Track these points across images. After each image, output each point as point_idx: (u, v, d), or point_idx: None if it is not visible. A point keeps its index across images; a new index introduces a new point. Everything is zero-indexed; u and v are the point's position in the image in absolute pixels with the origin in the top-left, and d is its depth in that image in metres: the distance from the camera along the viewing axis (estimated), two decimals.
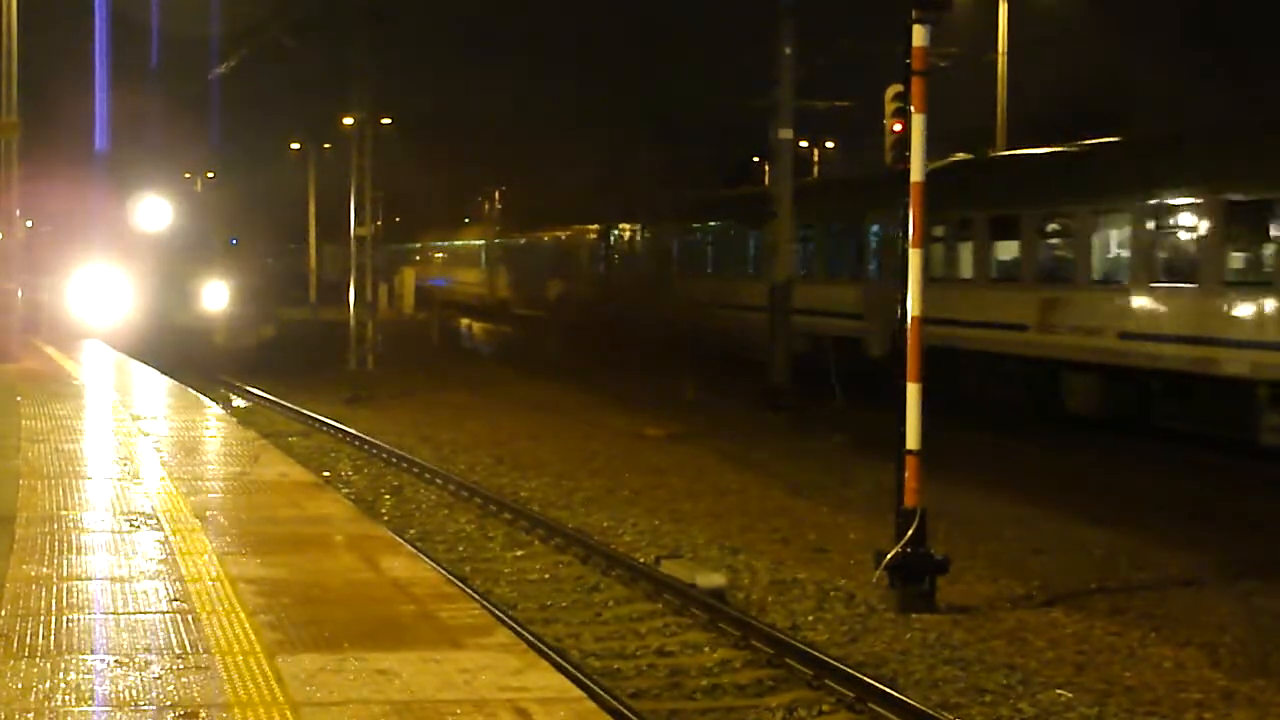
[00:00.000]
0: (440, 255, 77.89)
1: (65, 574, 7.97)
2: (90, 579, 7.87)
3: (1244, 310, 20.08)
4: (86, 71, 39.30)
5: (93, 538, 8.97)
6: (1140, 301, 22.05)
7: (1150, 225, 22.09)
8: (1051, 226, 24.69)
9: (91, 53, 38.61)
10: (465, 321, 60.11)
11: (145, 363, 24.59)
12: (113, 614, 7.11)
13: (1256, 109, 35.29)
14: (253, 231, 44.18)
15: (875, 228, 29.72)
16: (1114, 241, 23.46)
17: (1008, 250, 25.82)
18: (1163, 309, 21.56)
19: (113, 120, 39.33)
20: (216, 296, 36.59)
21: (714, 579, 13.00)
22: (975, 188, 26.44)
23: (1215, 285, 20.62)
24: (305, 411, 26.50)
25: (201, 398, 19.24)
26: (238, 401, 28.54)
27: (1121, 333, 22.30)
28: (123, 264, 35.05)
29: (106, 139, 39.15)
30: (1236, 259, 20.85)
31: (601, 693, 9.54)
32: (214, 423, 16.30)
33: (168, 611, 7.17)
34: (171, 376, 22.21)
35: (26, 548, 8.61)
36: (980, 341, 24.34)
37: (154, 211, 36.88)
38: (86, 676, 6.02)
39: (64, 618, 6.99)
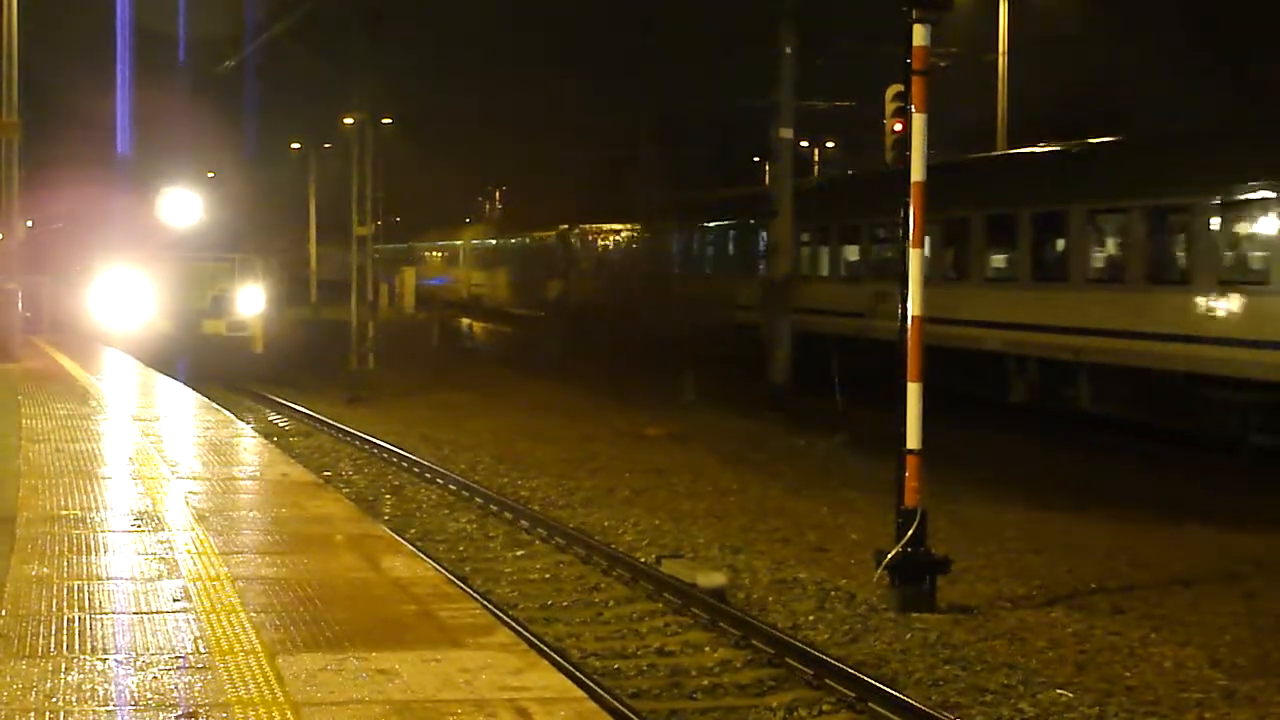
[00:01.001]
0: (427, 256, 79.40)
1: (65, 574, 7.97)
2: (90, 579, 7.87)
3: (998, 301, 26.00)
4: (93, 67, 39.08)
5: (93, 538, 8.97)
6: (934, 294, 26.00)
7: (942, 234, 27.69)
8: (880, 234, 30.71)
9: (95, 50, 38.42)
10: (466, 321, 60.32)
11: (149, 365, 24.44)
12: (113, 614, 7.12)
13: (1257, 108, 35.39)
14: (280, 231, 42.92)
15: (763, 236, 35.54)
16: (864, 248, 30.55)
17: (852, 253, 32.43)
18: (948, 300, 26.40)
19: (132, 118, 37.71)
20: (251, 301, 32.55)
21: (715, 579, 12.99)
22: (832, 202, 33.22)
23: (980, 281, 26.93)
24: (306, 411, 26.51)
25: (202, 398, 19.24)
26: (238, 402, 28.54)
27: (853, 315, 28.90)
28: (144, 265, 31.73)
29: (128, 138, 37.43)
30: (998, 260, 26.92)
31: (602, 693, 9.54)
32: (214, 423, 16.29)
33: (168, 611, 7.17)
34: (173, 378, 22.19)
35: (27, 548, 8.61)
36: (837, 326, 30.60)
37: (181, 206, 33.10)
38: (87, 676, 6.02)
39: (64, 618, 6.99)
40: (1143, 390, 22.41)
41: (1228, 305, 20.45)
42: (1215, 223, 21.03)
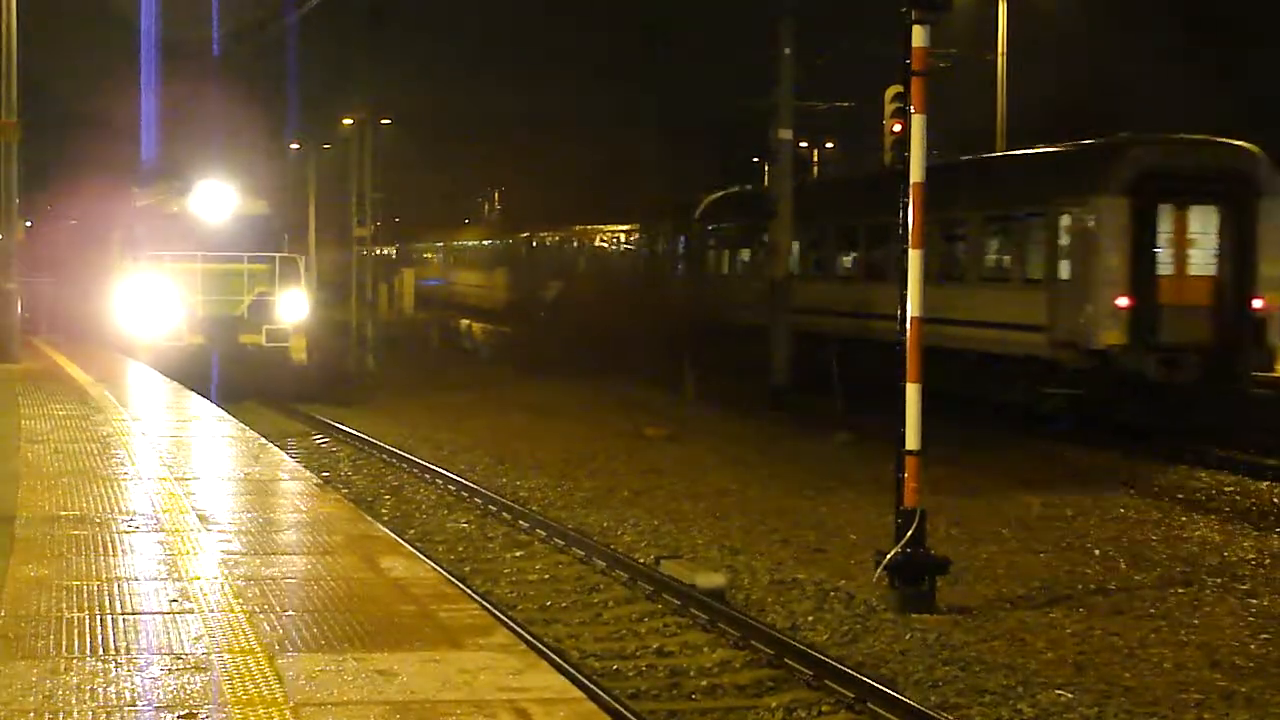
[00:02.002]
0: (426, 258, 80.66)
1: (65, 574, 7.97)
2: (90, 579, 7.87)
3: (842, 294, 31.62)
4: (106, 63, 38.66)
5: (92, 538, 8.97)
6: (807, 288, 33.44)
7: (809, 240, 34.68)
8: (762, 239, 35.72)
9: (102, 46, 38.12)
10: (465, 321, 60.58)
11: (163, 373, 23.21)
12: (113, 614, 7.12)
13: (1258, 108, 35.51)
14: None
15: (683, 239, 42.05)
16: (753, 250, 36.91)
17: (744, 255, 38.97)
18: (811, 292, 32.65)
19: (158, 115, 35.95)
20: (293, 307, 27.89)
21: (714, 579, 12.99)
22: (719, 214, 39.70)
23: (832, 278, 33.12)
24: (305, 411, 26.49)
25: (202, 399, 19.24)
26: (236, 402, 28.50)
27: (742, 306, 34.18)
28: (170, 266, 27.15)
29: (154, 135, 35.38)
30: (845, 261, 32.95)
31: (601, 693, 9.55)
32: (213, 423, 16.30)
33: (167, 611, 7.17)
34: (176, 380, 22.15)
35: (26, 548, 8.61)
36: (731, 316, 35.59)
37: (214, 200, 28.34)
38: (86, 677, 6.02)
39: (64, 618, 6.99)
40: (943, 365, 26.10)
41: (987, 297, 25.67)
42: (979, 233, 27.24)
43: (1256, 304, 23.17)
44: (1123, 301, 22.83)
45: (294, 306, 27.83)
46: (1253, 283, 23.22)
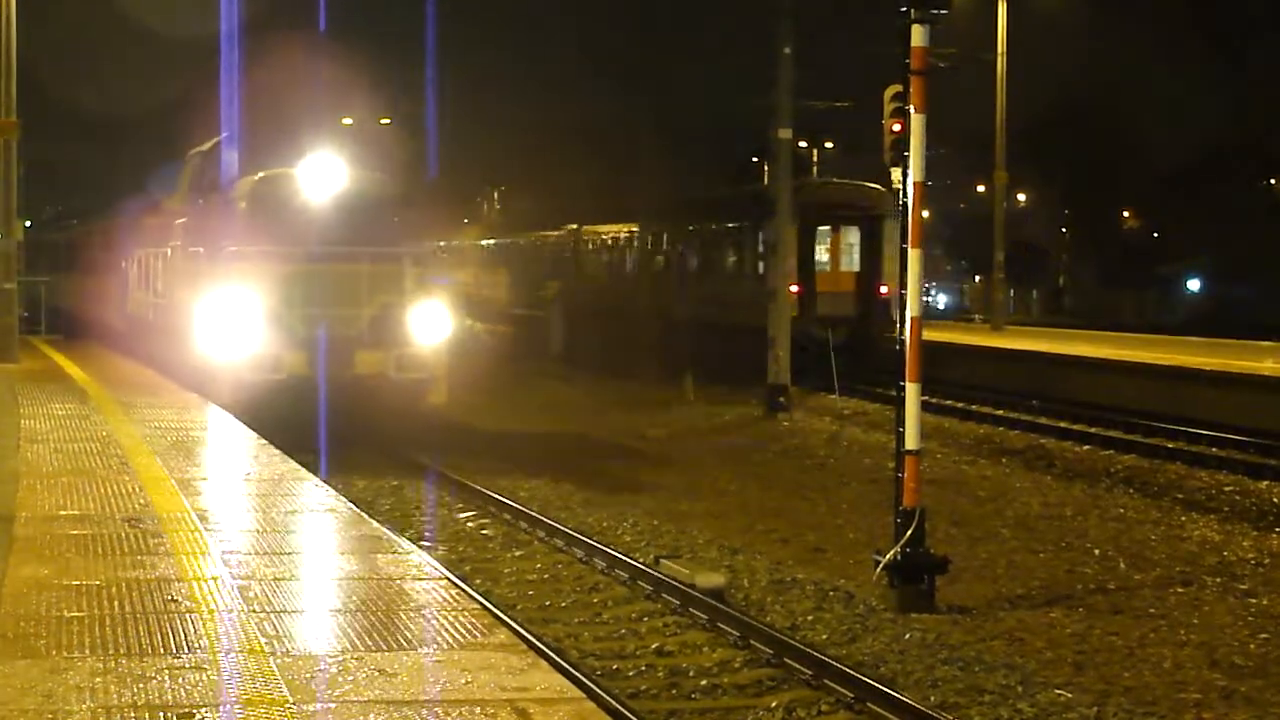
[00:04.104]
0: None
1: (65, 574, 7.98)
2: (90, 579, 7.88)
3: (664, 289, 39.78)
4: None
5: (92, 537, 8.98)
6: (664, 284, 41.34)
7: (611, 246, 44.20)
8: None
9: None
10: (465, 321, 61.18)
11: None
12: (112, 614, 7.12)
13: (1257, 107, 35.54)
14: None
15: (573, 243, 48.60)
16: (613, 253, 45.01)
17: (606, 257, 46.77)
18: (639, 286, 41.41)
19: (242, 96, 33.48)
20: (432, 323, 21.08)
21: (713, 579, 12.99)
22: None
23: (660, 275, 40.81)
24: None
25: (203, 400, 19.24)
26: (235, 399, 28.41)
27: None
28: (254, 269, 20.34)
29: (236, 117, 32.38)
30: (659, 261, 41.01)
31: (601, 693, 9.54)
32: (214, 424, 16.31)
33: (167, 611, 7.18)
34: (177, 380, 22.12)
35: (26, 548, 8.62)
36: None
37: (322, 178, 20.97)
38: (87, 677, 6.02)
39: (63, 618, 7.00)
40: (727, 337, 33.42)
41: (733, 287, 34.16)
42: (722, 241, 37.50)
43: (883, 290, 32.94)
44: (794, 288, 31.77)
45: (433, 322, 21.07)
46: (881, 276, 33.24)
